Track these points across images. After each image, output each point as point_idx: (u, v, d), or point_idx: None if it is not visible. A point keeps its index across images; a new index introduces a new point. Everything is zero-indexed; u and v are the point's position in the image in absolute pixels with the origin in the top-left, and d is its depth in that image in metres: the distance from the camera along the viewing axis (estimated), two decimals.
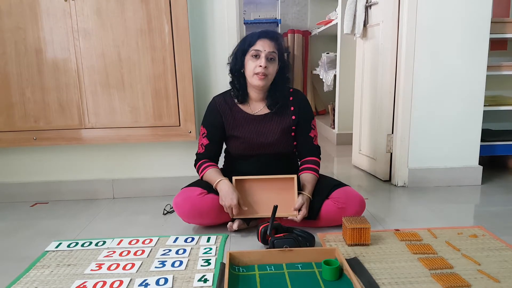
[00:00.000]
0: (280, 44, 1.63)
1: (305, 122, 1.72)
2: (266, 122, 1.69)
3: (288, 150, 1.73)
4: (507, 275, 1.24)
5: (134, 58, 1.92)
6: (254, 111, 1.70)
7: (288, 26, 4.83)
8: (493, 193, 2.12)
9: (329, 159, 3.11)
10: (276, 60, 1.62)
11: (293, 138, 1.72)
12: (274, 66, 1.62)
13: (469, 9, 2.09)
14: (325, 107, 4.82)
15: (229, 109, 1.70)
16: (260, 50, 1.57)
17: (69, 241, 1.58)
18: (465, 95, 2.19)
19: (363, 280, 1.21)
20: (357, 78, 2.71)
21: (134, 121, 1.99)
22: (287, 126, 1.69)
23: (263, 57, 1.57)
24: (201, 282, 1.23)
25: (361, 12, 2.47)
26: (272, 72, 1.62)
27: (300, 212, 1.56)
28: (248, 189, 1.63)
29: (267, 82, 1.62)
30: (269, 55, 1.58)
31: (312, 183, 1.66)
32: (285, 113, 1.70)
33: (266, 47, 1.57)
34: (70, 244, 1.55)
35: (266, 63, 1.57)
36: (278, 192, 1.61)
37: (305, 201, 1.58)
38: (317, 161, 1.73)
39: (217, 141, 1.73)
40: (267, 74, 1.59)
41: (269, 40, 1.59)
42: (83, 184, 2.17)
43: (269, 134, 1.68)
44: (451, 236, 1.54)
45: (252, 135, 1.68)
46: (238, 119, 1.69)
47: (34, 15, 1.87)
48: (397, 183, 2.29)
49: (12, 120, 1.96)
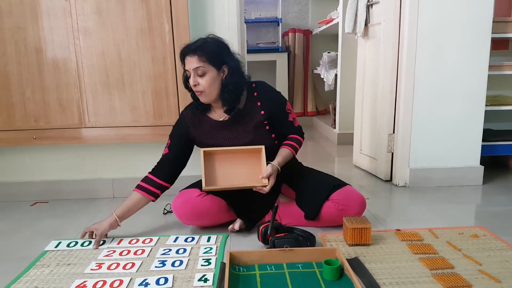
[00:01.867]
0: (205, 52, 1.51)
1: (279, 111, 1.67)
2: (236, 125, 1.64)
3: (268, 143, 1.65)
4: (508, 275, 1.23)
5: (134, 58, 1.92)
6: (220, 118, 1.66)
7: (289, 25, 4.82)
8: (494, 193, 2.12)
9: (330, 159, 3.11)
10: (207, 71, 1.52)
11: (269, 131, 1.66)
12: (207, 78, 1.52)
13: (471, 8, 2.09)
14: (326, 107, 4.82)
15: (198, 121, 1.66)
16: (188, 70, 1.54)
17: (69, 241, 1.58)
18: (466, 95, 2.18)
19: (364, 280, 1.21)
20: (358, 78, 2.70)
21: (134, 120, 1.98)
22: (258, 122, 1.64)
23: (192, 75, 1.52)
24: (201, 282, 1.23)
25: (363, 11, 2.47)
26: (206, 85, 1.53)
27: (269, 182, 1.55)
28: (217, 161, 1.60)
29: (207, 96, 1.56)
30: (196, 71, 1.51)
31: (283, 155, 1.63)
32: (253, 110, 1.64)
33: (190, 65, 1.52)
34: (70, 244, 1.55)
35: (195, 80, 1.52)
36: (247, 163, 1.60)
37: (274, 170, 1.57)
38: (297, 138, 1.70)
39: (176, 153, 1.67)
40: (202, 90, 1.54)
41: (190, 56, 1.51)
42: (83, 183, 2.17)
43: (242, 136, 1.64)
44: (452, 236, 1.54)
45: (225, 141, 1.64)
46: (209, 128, 1.66)
47: (34, 14, 1.87)
48: (398, 183, 2.29)
49: (12, 120, 1.96)
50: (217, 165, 1.60)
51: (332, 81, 3.71)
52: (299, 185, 1.72)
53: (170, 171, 1.66)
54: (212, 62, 1.53)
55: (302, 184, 1.71)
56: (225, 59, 1.56)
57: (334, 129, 3.71)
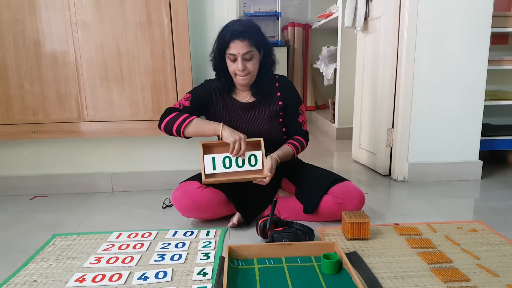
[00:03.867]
0: (254, 38, 1.56)
1: (292, 107, 1.72)
2: (254, 109, 1.69)
3: (277, 135, 1.71)
4: (506, 269, 1.24)
5: (133, 51, 1.91)
6: (243, 100, 1.70)
7: (288, 19, 4.80)
8: (493, 188, 2.12)
9: (329, 153, 3.11)
10: (255, 55, 1.58)
11: (282, 124, 1.72)
12: (254, 62, 1.59)
13: (471, 2, 2.08)
14: (325, 101, 4.81)
15: (221, 95, 1.70)
16: (235, 54, 1.54)
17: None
18: (465, 90, 2.18)
19: (362, 274, 1.21)
20: (358, 72, 2.69)
21: (133, 114, 1.98)
22: (274, 111, 1.69)
23: (239, 60, 1.55)
24: (200, 276, 1.23)
25: (362, 5, 2.46)
26: (254, 69, 1.59)
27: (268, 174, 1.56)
28: (217, 153, 1.60)
29: (250, 79, 1.62)
30: (245, 56, 1.55)
31: (284, 151, 1.66)
32: (272, 99, 1.70)
33: (239, 49, 1.53)
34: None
35: (243, 65, 1.56)
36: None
37: (273, 162, 1.58)
38: (301, 140, 1.73)
39: (196, 110, 1.68)
40: (248, 73, 1.59)
41: (241, 41, 1.53)
42: (82, 177, 2.17)
43: (259, 122, 1.68)
44: (451, 230, 1.54)
45: (242, 123, 1.67)
46: (228, 105, 1.69)
47: (32, 6, 1.86)
48: (397, 177, 2.29)
49: (10, 113, 1.95)
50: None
51: (331, 75, 3.71)
52: (299, 179, 1.72)
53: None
54: (257, 45, 1.58)
55: (302, 178, 1.71)
56: (264, 41, 1.62)
57: (333, 123, 3.71)
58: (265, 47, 1.63)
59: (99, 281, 1.22)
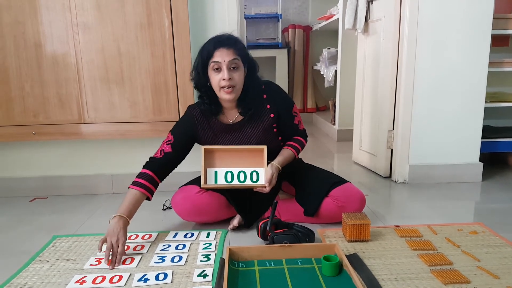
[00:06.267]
0: (239, 47, 1.49)
1: (285, 113, 1.65)
2: (246, 127, 1.61)
3: (274, 145, 1.66)
4: (507, 271, 1.24)
5: (133, 53, 1.91)
6: (230, 120, 1.62)
7: (289, 21, 4.80)
8: (493, 190, 2.12)
9: (329, 155, 3.11)
10: (240, 67, 1.49)
11: (277, 133, 1.66)
12: (239, 73, 1.49)
13: (471, 4, 2.08)
14: (326, 103, 4.81)
15: (207, 121, 1.61)
16: (220, 62, 1.45)
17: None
18: (466, 92, 2.17)
19: (363, 276, 1.21)
20: (358, 74, 2.69)
21: (134, 116, 1.98)
22: (268, 125, 1.62)
23: (225, 69, 1.45)
24: (201, 278, 1.23)
25: (363, 7, 2.46)
26: (239, 81, 1.49)
27: (271, 182, 1.53)
28: (218, 159, 1.59)
29: (236, 93, 1.51)
30: (231, 64, 1.46)
31: (285, 155, 1.63)
32: (263, 113, 1.61)
33: (225, 57, 1.44)
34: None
35: (229, 74, 1.45)
36: (247, 162, 1.58)
37: (275, 170, 1.55)
38: (300, 140, 1.70)
39: (179, 153, 1.61)
40: (233, 85, 1.48)
41: (227, 48, 1.45)
42: (82, 179, 2.17)
43: (251, 138, 1.62)
44: (451, 232, 1.54)
45: (235, 143, 1.61)
46: (217, 130, 1.62)
47: (33, 8, 1.86)
48: (397, 179, 2.29)
49: (11, 115, 1.96)
50: (217, 163, 1.59)
51: (332, 77, 3.71)
52: (299, 181, 1.72)
53: (169, 170, 1.63)
54: (242, 57, 1.50)
55: (302, 181, 1.71)
56: (249, 57, 1.56)
57: (334, 125, 3.71)
58: (250, 63, 1.55)
59: (99, 282, 1.22)
